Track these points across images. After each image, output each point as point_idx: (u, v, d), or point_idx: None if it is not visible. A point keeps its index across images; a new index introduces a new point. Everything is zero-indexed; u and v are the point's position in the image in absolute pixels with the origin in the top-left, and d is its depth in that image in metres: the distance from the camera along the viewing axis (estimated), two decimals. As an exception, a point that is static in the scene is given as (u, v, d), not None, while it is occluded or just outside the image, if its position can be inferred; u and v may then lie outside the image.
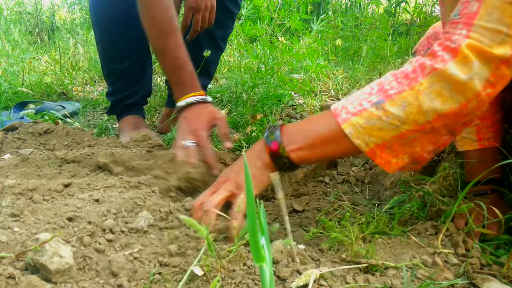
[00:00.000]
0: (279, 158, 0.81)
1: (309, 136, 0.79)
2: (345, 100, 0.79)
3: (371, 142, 0.74)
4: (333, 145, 0.78)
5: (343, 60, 3.32)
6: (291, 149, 0.80)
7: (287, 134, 0.82)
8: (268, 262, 0.43)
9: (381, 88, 0.75)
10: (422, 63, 0.73)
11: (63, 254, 0.63)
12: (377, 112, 0.73)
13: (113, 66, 1.54)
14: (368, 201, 1.19)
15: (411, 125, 0.72)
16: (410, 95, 0.72)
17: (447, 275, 0.74)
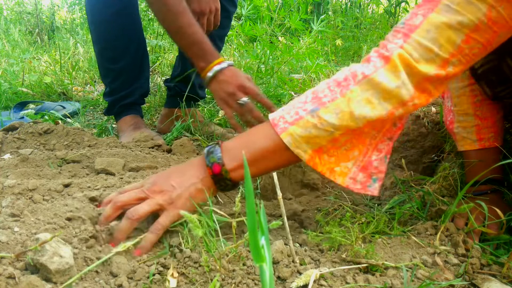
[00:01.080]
0: (222, 180, 0.78)
1: (250, 152, 0.77)
2: (282, 110, 0.79)
3: (308, 148, 0.76)
4: (275, 157, 0.78)
5: (343, 60, 3.32)
6: (232, 168, 0.78)
7: (227, 152, 0.79)
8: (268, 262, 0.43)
9: (315, 96, 0.76)
10: (353, 72, 0.75)
11: (63, 254, 0.63)
12: (312, 120, 0.74)
13: (110, 66, 1.54)
14: (368, 201, 1.19)
15: (343, 130, 0.74)
16: (342, 102, 0.74)
17: (447, 275, 0.74)
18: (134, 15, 1.52)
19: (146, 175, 1.04)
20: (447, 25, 0.70)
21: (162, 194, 0.78)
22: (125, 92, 1.55)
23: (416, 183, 1.13)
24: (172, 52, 2.96)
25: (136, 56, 1.55)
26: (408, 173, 1.22)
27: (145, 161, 1.16)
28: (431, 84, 0.73)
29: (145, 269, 0.68)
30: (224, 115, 1.23)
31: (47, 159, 1.11)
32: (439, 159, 1.26)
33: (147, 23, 3.02)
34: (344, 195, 1.28)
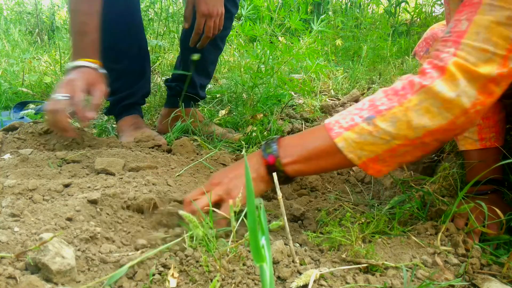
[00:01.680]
0: (275, 172, 0.81)
1: (304, 150, 0.81)
2: (339, 115, 0.81)
3: (363, 156, 0.77)
4: (327, 159, 0.80)
5: (343, 60, 3.32)
6: (287, 162, 0.82)
7: (283, 147, 0.83)
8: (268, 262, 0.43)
9: (372, 104, 0.77)
10: (411, 81, 0.75)
11: (65, 255, 0.63)
12: (368, 127, 0.75)
13: (112, 66, 1.54)
14: (368, 201, 1.19)
15: (402, 140, 0.74)
16: (400, 111, 0.74)
17: (447, 275, 0.74)
18: (137, 15, 1.52)
19: (146, 175, 1.04)
20: (496, 22, 0.69)
21: (220, 185, 0.83)
22: (126, 93, 1.56)
23: (416, 183, 1.13)
24: (172, 52, 2.96)
25: (138, 57, 1.55)
26: (408, 173, 1.22)
27: (145, 161, 1.16)
28: (496, 85, 0.72)
29: (145, 269, 0.68)
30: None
31: (47, 159, 1.11)
32: (439, 159, 1.26)
33: (147, 23, 3.02)
34: (344, 195, 1.28)
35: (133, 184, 0.96)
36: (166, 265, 0.69)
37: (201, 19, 1.40)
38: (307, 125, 1.78)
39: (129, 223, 0.85)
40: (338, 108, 2.00)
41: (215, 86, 2.48)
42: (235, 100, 2.02)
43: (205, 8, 1.38)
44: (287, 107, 1.97)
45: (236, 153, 1.40)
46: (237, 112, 1.83)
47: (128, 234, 0.81)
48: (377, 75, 2.85)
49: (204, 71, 1.69)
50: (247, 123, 1.69)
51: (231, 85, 2.20)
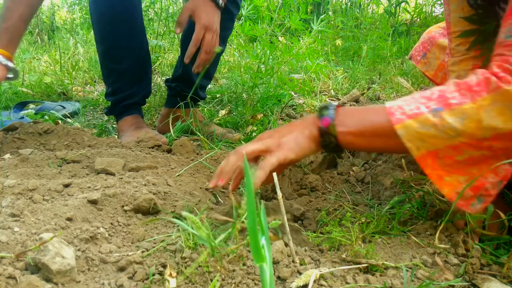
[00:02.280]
0: (327, 135, 0.80)
1: (361, 124, 0.78)
2: (402, 100, 0.77)
3: (423, 147, 0.73)
4: (382, 140, 0.78)
5: (343, 60, 3.32)
6: (341, 131, 0.79)
7: (340, 115, 0.80)
8: (268, 262, 0.43)
9: (442, 96, 0.74)
10: (487, 78, 0.71)
11: (65, 255, 0.63)
12: (433, 119, 0.72)
13: (113, 66, 1.54)
14: (368, 201, 1.19)
15: (467, 138, 0.71)
16: (471, 109, 0.70)
17: (447, 275, 0.74)
18: (138, 16, 1.52)
19: (146, 175, 1.04)
20: None
21: (271, 138, 0.83)
22: (127, 93, 1.56)
23: (416, 183, 1.13)
24: (172, 52, 2.96)
25: (139, 57, 1.55)
26: (408, 173, 1.21)
27: (145, 161, 1.16)
28: None
29: (145, 269, 0.68)
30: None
31: (47, 159, 1.11)
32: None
33: (147, 23, 3.02)
34: (344, 195, 1.28)
35: (133, 184, 0.96)
36: (166, 265, 0.69)
37: (200, 31, 1.34)
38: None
39: (129, 223, 0.85)
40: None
41: (215, 86, 2.48)
42: (235, 100, 2.02)
43: (206, 19, 1.34)
44: (287, 107, 1.97)
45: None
46: (237, 112, 1.83)
47: (128, 234, 0.81)
48: (377, 75, 2.85)
49: (204, 72, 1.69)
50: (247, 123, 1.69)
51: (231, 85, 2.20)
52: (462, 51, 1.06)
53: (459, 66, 1.07)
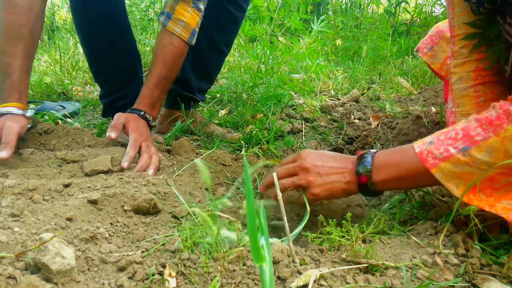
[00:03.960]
0: (365, 189, 0.88)
1: (397, 173, 0.85)
2: (430, 144, 0.82)
3: (461, 184, 0.78)
4: (419, 182, 0.86)
5: (343, 60, 3.32)
6: (378, 181, 0.86)
7: (377, 168, 0.87)
8: (268, 262, 0.43)
9: (467, 134, 0.78)
10: (506, 109, 0.75)
11: (65, 255, 0.63)
12: (464, 158, 0.76)
13: (99, 69, 1.53)
14: (368, 201, 1.19)
15: (500, 168, 0.75)
16: (496, 142, 0.74)
17: (447, 275, 0.74)
18: (120, 14, 1.49)
19: (146, 175, 1.04)
20: None
21: (308, 176, 0.90)
22: (118, 95, 1.54)
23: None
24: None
25: (125, 58, 1.52)
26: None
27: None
28: None
29: (145, 269, 0.68)
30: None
31: (47, 159, 1.11)
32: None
33: (147, 23, 3.02)
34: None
35: (133, 184, 0.96)
36: (166, 265, 0.69)
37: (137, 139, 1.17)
38: (307, 125, 1.78)
39: (129, 223, 0.85)
40: (338, 108, 2.00)
41: (215, 86, 2.48)
42: (235, 100, 2.02)
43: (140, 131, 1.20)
44: (287, 107, 1.97)
45: (236, 153, 1.40)
46: (237, 112, 1.83)
47: (128, 234, 0.82)
48: (377, 75, 2.85)
49: (205, 76, 1.67)
50: (247, 123, 1.69)
51: (231, 85, 2.20)
52: (465, 53, 1.07)
53: (462, 68, 1.07)
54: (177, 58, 1.32)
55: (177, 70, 1.35)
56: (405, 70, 2.87)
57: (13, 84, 1.12)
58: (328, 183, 0.89)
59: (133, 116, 1.24)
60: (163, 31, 1.30)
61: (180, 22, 1.28)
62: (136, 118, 1.24)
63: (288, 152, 1.51)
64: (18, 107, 1.11)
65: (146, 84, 1.30)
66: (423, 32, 3.83)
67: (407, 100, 2.15)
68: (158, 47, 1.30)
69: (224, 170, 1.28)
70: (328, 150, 1.65)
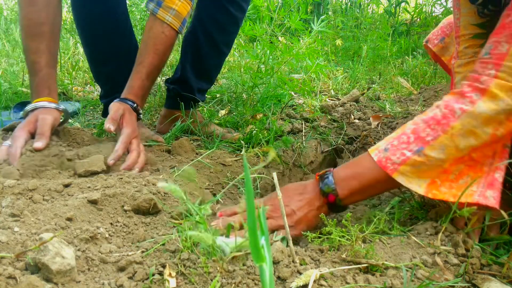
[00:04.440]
0: (336, 206, 0.92)
1: (360, 184, 0.89)
2: (384, 151, 0.86)
3: (422, 183, 0.83)
4: (384, 187, 0.90)
5: (343, 60, 3.32)
6: (345, 197, 0.90)
7: (339, 184, 0.90)
8: (268, 262, 0.43)
9: (418, 137, 0.84)
10: (451, 108, 0.82)
11: (65, 255, 0.63)
12: (420, 159, 0.82)
13: (100, 69, 1.52)
14: (368, 201, 1.19)
15: (452, 161, 0.82)
16: (446, 139, 0.81)
17: (447, 275, 0.74)
18: (120, 17, 1.48)
19: (146, 176, 1.04)
20: None
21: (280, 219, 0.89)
22: (118, 95, 1.55)
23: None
24: (172, 52, 2.95)
25: (126, 59, 1.52)
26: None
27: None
28: None
29: (145, 269, 0.68)
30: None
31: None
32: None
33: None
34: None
35: (133, 184, 0.96)
36: (166, 265, 0.69)
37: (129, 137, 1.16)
38: (307, 125, 1.78)
39: (129, 223, 0.85)
40: (338, 108, 2.00)
41: (215, 86, 2.48)
42: (235, 100, 2.02)
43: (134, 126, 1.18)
44: (287, 107, 1.97)
45: (236, 153, 1.40)
46: (237, 112, 1.83)
47: (128, 234, 0.82)
48: (377, 75, 2.85)
49: (205, 76, 1.66)
50: (247, 123, 1.69)
51: (231, 85, 2.20)
52: (469, 53, 1.08)
53: (466, 68, 1.08)
54: (168, 47, 1.30)
55: (167, 59, 1.33)
56: (405, 70, 2.87)
57: (41, 80, 1.16)
58: (305, 217, 0.91)
59: (128, 108, 1.22)
60: (153, 19, 1.26)
61: (171, 10, 1.26)
62: (130, 110, 1.22)
63: (288, 152, 1.51)
64: (49, 101, 1.15)
65: (137, 73, 1.27)
66: (423, 32, 3.83)
67: (407, 100, 2.16)
68: (149, 36, 1.27)
69: (224, 170, 1.27)
70: (328, 150, 1.65)
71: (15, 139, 1.06)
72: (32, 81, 1.17)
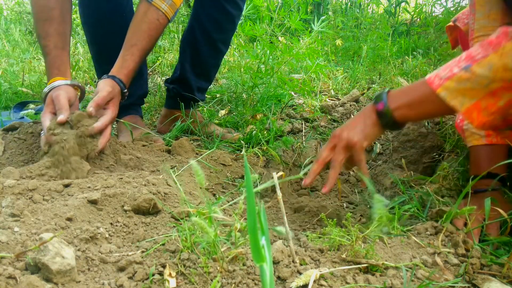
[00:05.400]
0: (384, 116, 0.94)
1: (407, 98, 0.92)
2: (437, 70, 0.89)
3: (465, 102, 0.84)
4: (429, 106, 0.90)
5: (343, 60, 3.32)
6: (394, 109, 0.93)
7: (391, 97, 0.95)
8: (268, 262, 0.43)
9: (469, 55, 0.85)
10: (505, 31, 0.82)
11: (65, 255, 0.63)
12: (466, 75, 0.83)
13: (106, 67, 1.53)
14: (368, 201, 1.19)
15: (499, 82, 0.81)
16: (494, 58, 0.81)
17: (447, 275, 0.74)
18: (127, 15, 1.48)
19: (146, 176, 1.04)
20: None
21: (343, 140, 0.97)
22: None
23: (416, 183, 1.13)
24: (172, 52, 2.95)
25: None
26: (408, 173, 1.21)
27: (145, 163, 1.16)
28: None
29: (145, 269, 0.68)
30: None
31: (47, 159, 1.11)
32: (440, 158, 1.26)
33: (147, 23, 3.00)
34: (344, 195, 1.28)
35: (133, 184, 0.96)
36: (166, 265, 0.69)
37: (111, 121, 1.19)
38: (307, 125, 1.78)
39: (129, 223, 0.85)
40: (338, 108, 2.00)
41: (215, 86, 2.48)
42: (235, 100, 2.02)
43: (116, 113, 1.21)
44: (287, 107, 1.97)
45: (236, 153, 1.40)
46: (237, 112, 1.83)
47: (128, 234, 0.82)
48: (377, 75, 2.85)
49: (204, 75, 1.67)
50: (247, 123, 1.69)
51: (231, 85, 2.20)
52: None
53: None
54: (159, 35, 1.33)
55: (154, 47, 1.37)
56: (405, 70, 2.87)
57: (51, 62, 1.21)
58: (359, 131, 0.96)
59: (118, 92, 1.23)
60: (148, 5, 1.27)
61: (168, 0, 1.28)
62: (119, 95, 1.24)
63: (288, 152, 1.51)
64: (60, 80, 1.19)
65: (131, 55, 1.27)
66: (423, 32, 3.83)
67: (407, 100, 2.15)
68: (143, 20, 1.27)
69: (224, 170, 1.27)
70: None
71: (43, 125, 1.12)
72: (46, 63, 1.23)
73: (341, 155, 0.98)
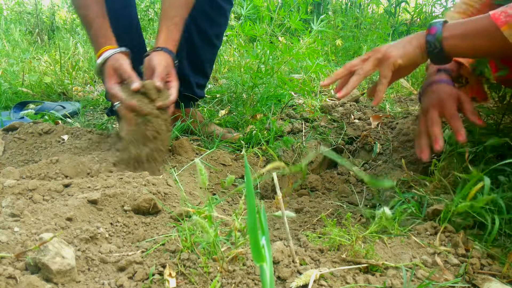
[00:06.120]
0: (432, 42, 0.89)
1: (464, 28, 0.87)
2: (505, 6, 0.83)
3: None
4: (485, 41, 0.85)
5: (343, 60, 3.32)
6: (446, 36, 0.88)
7: (446, 26, 0.89)
8: (268, 262, 0.43)
9: None
10: None
11: (65, 255, 0.63)
12: None
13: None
14: (368, 201, 1.19)
15: None
16: None
17: (447, 275, 0.74)
18: (132, 16, 1.50)
19: (146, 175, 1.04)
20: None
21: (378, 51, 0.93)
22: None
23: (416, 183, 1.13)
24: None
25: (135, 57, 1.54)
26: (408, 173, 1.21)
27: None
28: None
29: (145, 269, 0.68)
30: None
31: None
32: (439, 159, 1.26)
33: (147, 23, 3.02)
34: (344, 195, 1.28)
35: (133, 184, 0.96)
36: (166, 265, 0.69)
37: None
38: (307, 125, 1.78)
39: (129, 223, 0.85)
40: (338, 108, 2.00)
41: (215, 86, 2.48)
42: (235, 100, 2.02)
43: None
44: (287, 107, 1.97)
45: (236, 153, 1.40)
46: (237, 112, 1.83)
47: (128, 234, 0.82)
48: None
49: (200, 70, 1.68)
50: (247, 123, 1.69)
51: (231, 85, 2.20)
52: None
53: None
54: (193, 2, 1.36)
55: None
56: (405, 70, 2.86)
57: (95, 32, 1.21)
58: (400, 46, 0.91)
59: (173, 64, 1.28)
60: None
61: None
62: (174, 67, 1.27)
63: (288, 152, 1.51)
64: (110, 49, 1.19)
65: (176, 26, 1.30)
66: (423, 32, 3.83)
67: (407, 100, 2.15)
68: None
69: (224, 170, 1.28)
70: (328, 150, 1.65)
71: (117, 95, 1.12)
72: (89, 34, 1.23)
73: (369, 66, 0.94)
